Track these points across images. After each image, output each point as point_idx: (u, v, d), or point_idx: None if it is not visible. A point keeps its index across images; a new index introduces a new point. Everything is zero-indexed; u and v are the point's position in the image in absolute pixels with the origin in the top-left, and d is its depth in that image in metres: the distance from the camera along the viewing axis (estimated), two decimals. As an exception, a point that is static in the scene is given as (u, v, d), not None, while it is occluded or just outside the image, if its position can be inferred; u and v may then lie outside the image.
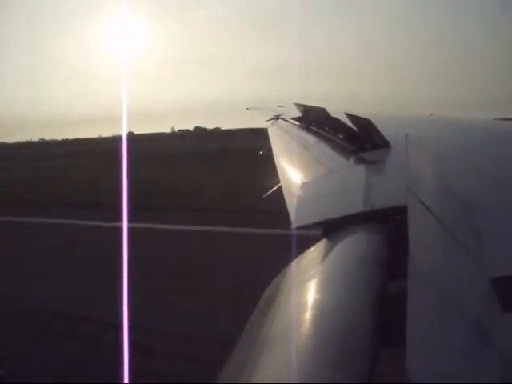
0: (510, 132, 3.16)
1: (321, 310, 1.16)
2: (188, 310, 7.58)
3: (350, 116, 3.20)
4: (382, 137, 2.79)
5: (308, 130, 4.66)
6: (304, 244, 1.81)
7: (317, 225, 1.89)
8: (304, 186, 2.62)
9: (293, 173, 3.34)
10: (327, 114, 3.96)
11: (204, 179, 22.34)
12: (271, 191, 4.06)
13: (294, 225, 2.00)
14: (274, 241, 9.77)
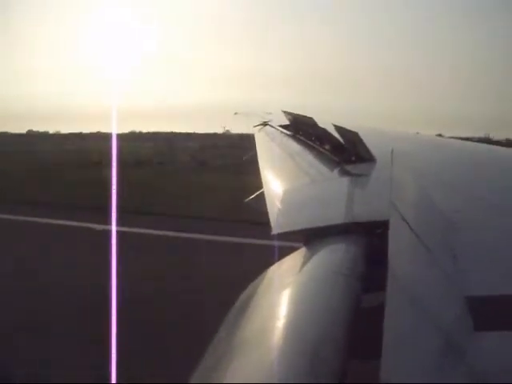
0: (497, 157, 3.22)
1: (293, 318, 1.15)
2: (164, 312, 7.51)
3: (337, 127, 3.22)
4: (367, 151, 2.80)
5: (295, 138, 4.66)
6: (283, 252, 1.80)
7: (297, 233, 1.88)
8: (286, 193, 2.61)
9: (276, 180, 3.33)
10: (315, 123, 3.97)
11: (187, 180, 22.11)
12: (253, 196, 4.04)
13: (274, 231, 1.98)
14: (252, 248, 9.76)
